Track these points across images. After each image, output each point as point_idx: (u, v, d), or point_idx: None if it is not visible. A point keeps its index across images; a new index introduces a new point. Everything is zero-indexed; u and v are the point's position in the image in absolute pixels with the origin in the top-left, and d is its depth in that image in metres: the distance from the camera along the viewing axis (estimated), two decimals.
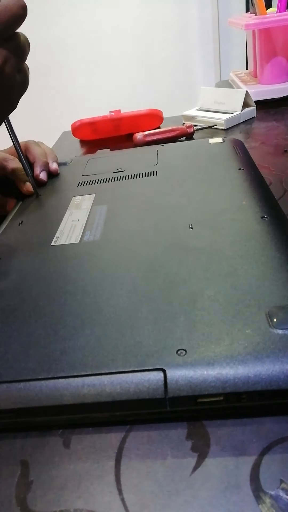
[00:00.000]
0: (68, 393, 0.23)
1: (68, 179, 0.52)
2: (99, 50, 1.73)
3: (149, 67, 1.75)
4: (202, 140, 0.57)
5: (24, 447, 0.24)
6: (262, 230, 0.33)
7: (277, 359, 0.22)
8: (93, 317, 0.27)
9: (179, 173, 0.47)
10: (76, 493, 0.21)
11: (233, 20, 0.91)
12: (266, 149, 0.60)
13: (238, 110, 0.72)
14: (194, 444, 0.22)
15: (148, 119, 0.75)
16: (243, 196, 0.39)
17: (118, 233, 0.37)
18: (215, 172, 0.45)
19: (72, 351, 0.25)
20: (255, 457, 0.21)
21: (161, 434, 0.23)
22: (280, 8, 0.80)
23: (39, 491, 0.21)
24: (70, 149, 0.76)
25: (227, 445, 0.22)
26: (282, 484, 0.20)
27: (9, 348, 0.26)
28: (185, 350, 0.23)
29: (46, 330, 0.27)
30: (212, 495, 0.20)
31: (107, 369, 0.23)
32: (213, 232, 0.34)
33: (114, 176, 0.50)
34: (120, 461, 0.22)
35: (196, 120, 0.75)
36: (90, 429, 0.24)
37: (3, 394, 0.24)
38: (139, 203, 0.42)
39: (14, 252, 0.37)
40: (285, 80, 0.82)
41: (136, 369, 0.23)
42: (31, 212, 0.45)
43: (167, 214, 0.38)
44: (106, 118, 0.74)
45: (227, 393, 0.22)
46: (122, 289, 0.29)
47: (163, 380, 0.22)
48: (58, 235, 0.38)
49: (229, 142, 0.54)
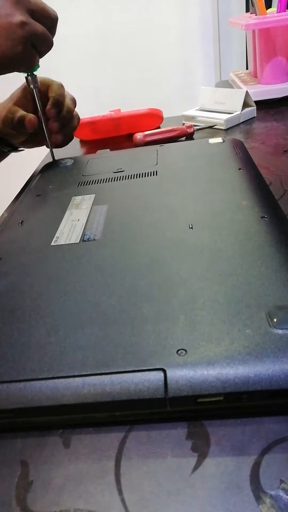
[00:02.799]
0: (68, 393, 0.23)
1: (68, 179, 0.52)
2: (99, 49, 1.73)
3: (149, 67, 1.75)
4: (202, 140, 0.57)
5: (24, 447, 0.24)
6: (262, 230, 0.33)
7: (277, 359, 0.22)
8: (93, 317, 0.27)
9: (179, 173, 0.47)
10: (76, 493, 0.21)
11: (233, 20, 0.91)
12: (266, 149, 0.60)
13: (238, 110, 0.72)
14: (194, 444, 0.22)
15: (148, 119, 0.75)
16: (243, 196, 0.39)
17: (118, 233, 0.37)
18: (215, 172, 0.45)
19: (72, 351, 0.25)
20: (255, 457, 0.21)
21: (161, 434, 0.23)
22: (280, 8, 0.80)
23: (39, 491, 0.21)
24: (70, 149, 0.76)
25: (227, 445, 0.22)
26: (282, 484, 0.20)
27: (9, 348, 0.26)
28: (185, 350, 0.23)
29: (46, 330, 0.27)
30: (212, 495, 0.20)
31: (107, 369, 0.23)
32: (213, 232, 0.34)
33: (114, 176, 0.50)
34: (120, 461, 0.22)
35: (196, 120, 0.75)
36: (90, 429, 0.24)
37: (3, 394, 0.24)
38: (139, 203, 0.42)
39: (14, 252, 0.37)
40: (285, 80, 0.82)
41: (136, 369, 0.23)
42: (31, 212, 0.45)
43: (167, 214, 0.38)
44: (106, 118, 0.74)
45: (227, 393, 0.22)
46: (122, 289, 0.29)
47: (163, 380, 0.22)
48: (58, 235, 0.38)
49: (229, 142, 0.54)
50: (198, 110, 0.78)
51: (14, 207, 0.47)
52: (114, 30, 1.69)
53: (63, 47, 1.71)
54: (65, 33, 1.73)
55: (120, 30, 1.69)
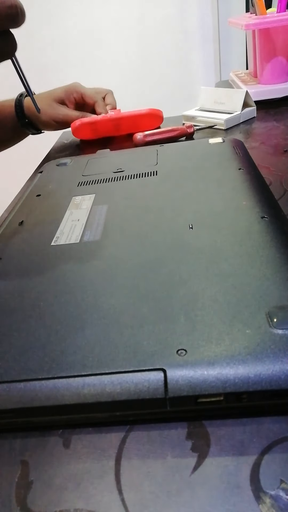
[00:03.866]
0: (68, 393, 0.23)
1: (68, 179, 0.52)
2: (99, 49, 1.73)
3: (149, 67, 1.75)
4: (202, 140, 0.57)
5: (24, 447, 0.24)
6: (262, 230, 0.33)
7: (277, 359, 0.22)
8: (93, 317, 0.27)
9: (179, 173, 0.47)
10: (76, 493, 0.21)
11: (233, 20, 0.91)
12: (266, 149, 0.60)
13: (238, 110, 0.72)
14: (194, 444, 0.22)
15: (148, 119, 0.75)
16: (243, 196, 0.39)
17: (118, 233, 0.37)
18: (215, 172, 0.45)
19: (72, 351, 0.25)
20: (255, 457, 0.21)
21: (161, 434, 0.23)
22: (280, 8, 0.80)
23: (39, 491, 0.21)
24: (70, 149, 0.76)
25: (227, 445, 0.22)
26: (282, 484, 0.20)
27: (9, 348, 0.26)
28: (185, 350, 0.23)
29: (46, 330, 0.27)
30: (212, 495, 0.20)
31: (107, 369, 0.23)
32: (213, 232, 0.34)
33: (114, 176, 0.50)
34: (120, 461, 0.22)
35: (196, 120, 0.75)
36: (90, 429, 0.24)
37: (3, 394, 0.24)
38: (139, 203, 0.42)
39: (14, 252, 0.37)
40: (285, 80, 0.82)
41: (136, 369, 0.23)
42: (31, 212, 0.45)
43: (167, 214, 0.38)
44: (106, 118, 0.74)
45: (227, 393, 0.22)
46: (122, 289, 0.29)
47: (163, 380, 0.22)
48: (58, 235, 0.38)
49: (229, 142, 0.54)
50: (198, 110, 0.78)
51: (14, 207, 0.47)
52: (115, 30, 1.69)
53: (63, 47, 1.71)
54: (65, 32, 1.74)
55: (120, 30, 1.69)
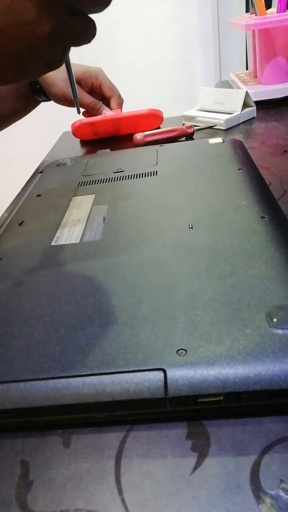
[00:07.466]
0: (68, 393, 0.23)
1: (68, 179, 0.52)
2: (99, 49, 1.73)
3: (149, 67, 1.75)
4: (202, 140, 0.57)
5: (24, 447, 0.24)
6: (262, 230, 0.33)
7: (277, 359, 0.22)
8: (93, 317, 0.27)
9: (179, 173, 0.47)
10: (76, 493, 0.21)
11: (233, 20, 0.91)
12: (266, 149, 0.60)
13: (238, 111, 0.72)
14: (194, 444, 0.22)
15: (148, 119, 0.75)
16: (243, 196, 0.39)
17: (118, 233, 0.37)
18: (215, 172, 0.45)
19: (72, 351, 0.25)
20: (255, 457, 0.21)
21: (161, 434, 0.23)
22: (280, 8, 0.80)
23: (39, 491, 0.21)
24: (70, 149, 0.76)
25: (227, 445, 0.22)
26: (282, 484, 0.20)
27: (9, 348, 0.26)
28: (185, 350, 0.23)
29: (46, 330, 0.27)
30: (212, 495, 0.20)
31: (107, 369, 0.23)
32: (213, 232, 0.34)
33: (114, 176, 0.50)
34: (120, 461, 0.22)
35: (196, 121, 0.75)
36: (90, 429, 0.24)
37: (3, 394, 0.24)
38: (139, 203, 0.42)
39: (14, 252, 0.37)
40: (285, 80, 0.82)
41: (136, 369, 0.23)
42: (31, 212, 0.45)
43: (167, 214, 0.38)
44: (106, 118, 0.74)
45: (227, 393, 0.22)
46: (122, 289, 0.29)
47: (163, 380, 0.22)
48: (58, 235, 0.38)
49: (229, 142, 0.54)
50: (198, 110, 0.78)
51: (14, 207, 0.47)
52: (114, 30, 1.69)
53: None
54: None
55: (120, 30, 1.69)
